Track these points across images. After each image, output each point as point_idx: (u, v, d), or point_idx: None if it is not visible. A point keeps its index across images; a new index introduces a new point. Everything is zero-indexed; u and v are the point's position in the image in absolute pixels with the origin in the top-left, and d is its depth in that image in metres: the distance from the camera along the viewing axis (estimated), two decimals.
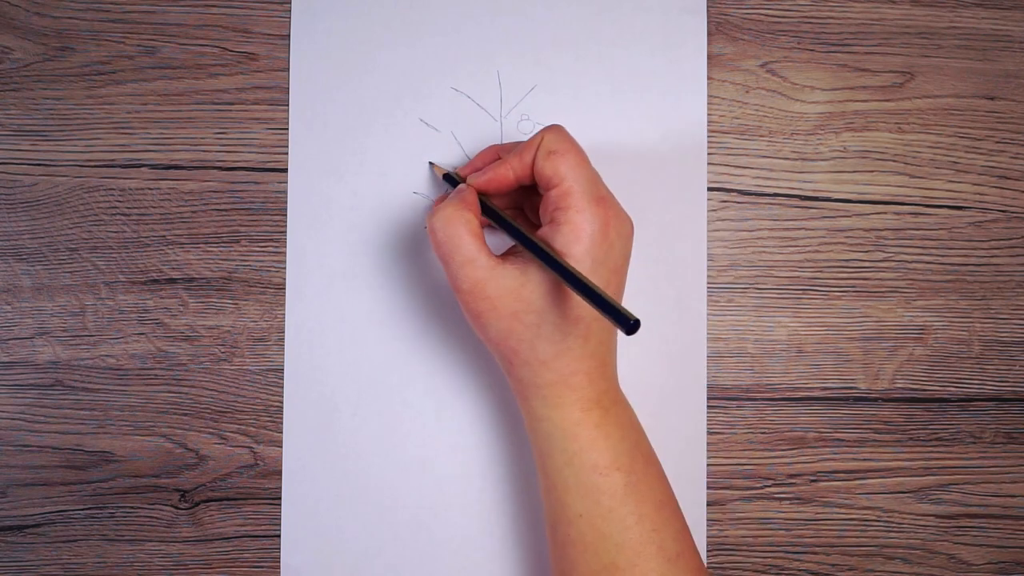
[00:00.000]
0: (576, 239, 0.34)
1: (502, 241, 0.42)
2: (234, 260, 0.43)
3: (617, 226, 0.36)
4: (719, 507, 0.44)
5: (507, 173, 0.37)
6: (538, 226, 0.38)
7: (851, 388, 0.45)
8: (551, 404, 0.36)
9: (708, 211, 0.44)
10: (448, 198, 0.38)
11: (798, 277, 0.44)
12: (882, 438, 0.45)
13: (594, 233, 0.35)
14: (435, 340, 0.43)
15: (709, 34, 0.44)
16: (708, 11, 0.44)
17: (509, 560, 0.43)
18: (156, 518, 0.43)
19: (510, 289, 0.35)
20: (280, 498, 0.43)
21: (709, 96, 0.44)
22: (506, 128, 0.44)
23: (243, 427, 0.43)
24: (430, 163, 0.43)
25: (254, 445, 0.43)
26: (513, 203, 0.41)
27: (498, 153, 0.40)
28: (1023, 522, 0.45)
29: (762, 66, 0.45)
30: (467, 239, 0.35)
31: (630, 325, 0.30)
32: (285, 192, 0.43)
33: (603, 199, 0.36)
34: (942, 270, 0.45)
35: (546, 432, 0.37)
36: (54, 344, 0.43)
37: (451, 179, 0.41)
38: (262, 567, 0.43)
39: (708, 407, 0.44)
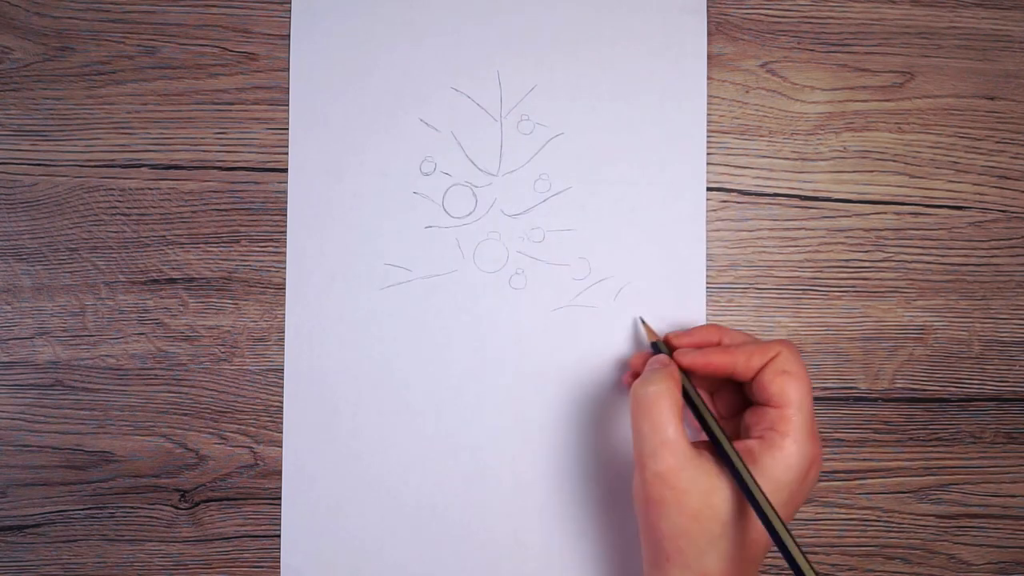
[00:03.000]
0: (786, 469, 0.34)
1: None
2: (234, 260, 0.43)
3: (817, 465, 0.35)
4: None
5: (727, 366, 0.36)
6: (723, 419, 0.38)
7: (851, 388, 0.45)
8: None
9: (708, 211, 0.44)
10: (656, 369, 0.36)
11: (798, 277, 0.44)
12: (882, 438, 0.45)
13: (802, 468, 0.34)
14: (435, 340, 0.43)
15: (709, 34, 0.44)
16: (708, 11, 0.44)
17: (509, 560, 0.43)
18: (156, 518, 0.43)
19: (702, 488, 0.33)
20: (280, 498, 0.43)
21: (709, 96, 0.44)
22: (506, 128, 0.44)
23: (243, 427, 0.43)
24: (641, 319, 0.42)
25: (254, 445, 0.43)
26: (706, 385, 0.40)
27: (720, 337, 0.39)
28: (1023, 522, 0.45)
29: (762, 66, 0.45)
30: (672, 421, 0.34)
31: None
32: (285, 192, 0.43)
33: (816, 436, 0.35)
34: (942, 270, 0.45)
35: None
36: (54, 344, 0.43)
37: (658, 347, 0.40)
38: (262, 567, 0.43)
39: None
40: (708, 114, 0.44)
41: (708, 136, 0.44)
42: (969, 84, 0.45)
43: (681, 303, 0.44)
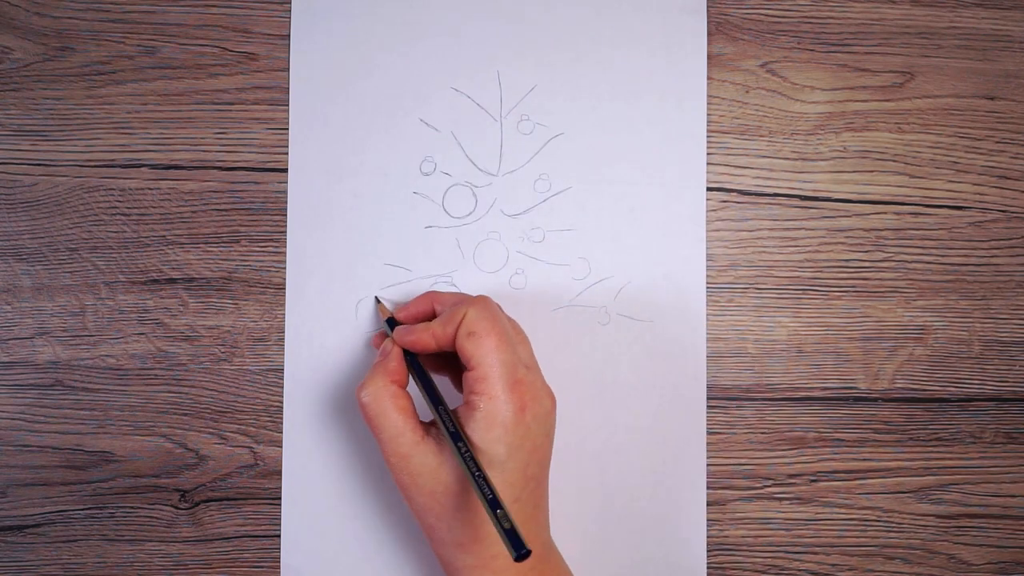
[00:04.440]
0: (488, 427, 0.35)
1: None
2: (234, 260, 0.43)
3: (534, 408, 0.36)
4: (719, 507, 0.44)
5: (429, 340, 0.37)
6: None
7: (851, 388, 0.45)
8: None
9: (708, 211, 0.44)
10: (374, 367, 0.38)
11: (798, 277, 0.44)
12: (882, 438, 0.45)
13: (507, 420, 0.35)
14: None
15: (709, 34, 0.44)
16: (708, 11, 0.44)
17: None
18: (156, 518, 0.43)
19: (430, 468, 0.35)
20: (280, 498, 0.43)
21: (709, 96, 0.44)
22: (506, 128, 0.44)
23: (243, 427, 0.43)
24: (376, 298, 0.43)
25: (254, 445, 0.43)
26: (446, 362, 0.40)
27: (432, 304, 0.40)
28: (1023, 522, 0.45)
29: (762, 66, 0.45)
30: (393, 414, 0.36)
31: (520, 554, 0.30)
32: (285, 192, 0.43)
33: (519, 383, 0.35)
34: (942, 270, 0.45)
35: None
36: (54, 344, 0.43)
37: (392, 324, 0.40)
38: (262, 567, 0.43)
39: (708, 407, 0.44)
40: (708, 114, 0.44)
41: (708, 136, 0.44)
42: (969, 84, 0.45)
43: (681, 303, 0.44)
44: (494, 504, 0.32)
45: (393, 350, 0.38)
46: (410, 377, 0.38)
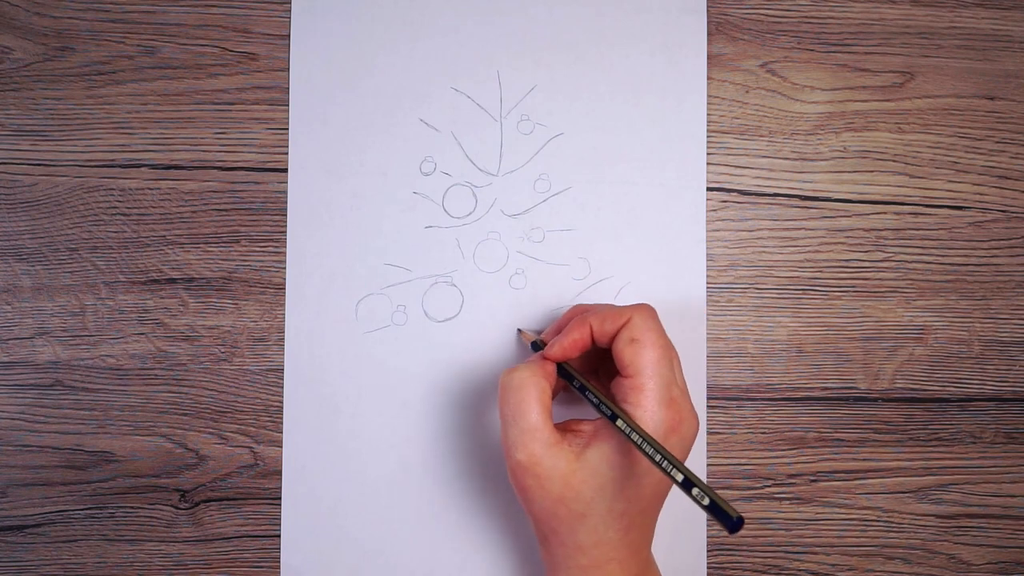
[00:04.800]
0: None
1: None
2: (234, 260, 0.43)
3: (682, 430, 0.35)
4: None
5: (585, 337, 0.37)
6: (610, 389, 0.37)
7: (851, 388, 0.45)
8: None
9: (708, 211, 0.44)
10: (527, 361, 0.37)
11: (798, 277, 0.44)
12: (882, 438, 0.45)
13: (656, 436, 0.34)
14: (435, 340, 0.43)
15: (709, 34, 0.44)
16: (708, 11, 0.44)
17: (509, 560, 0.43)
18: (156, 518, 0.43)
19: (562, 473, 0.34)
20: (280, 498, 0.43)
21: (709, 96, 0.44)
22: (506, 128, 0.44)
23: (243, 427, 0.43)
24: (519, 330, 0.43)
25: (254, 445, 0.43)
26: (589, 364, 0.40)
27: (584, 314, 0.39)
28: (1023, 522, 0.45)
29: (762, 66, 0.45)
30: (535, 407, 0.35)
31: (733, 523, 0.29)
32: (285, 192, 0.43)
33: (673, 401, 0.35)
34: (942, 270, 0.45)
35: None
36: (54, 344, 0.43)
37: (538, 347, 0.40)
38: (262, 567, 0.43)
39: (708, 407, 0.44)
40: (708, 114, 0.44)
41: (708, 136, 0.44)
42: (969, 84, 0.45)
43: (681, 303, 0.44)
44: (688, 485, 0.30)
45: (540, 359, 0.37)
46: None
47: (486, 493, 0.43)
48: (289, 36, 0.43)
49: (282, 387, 0.43)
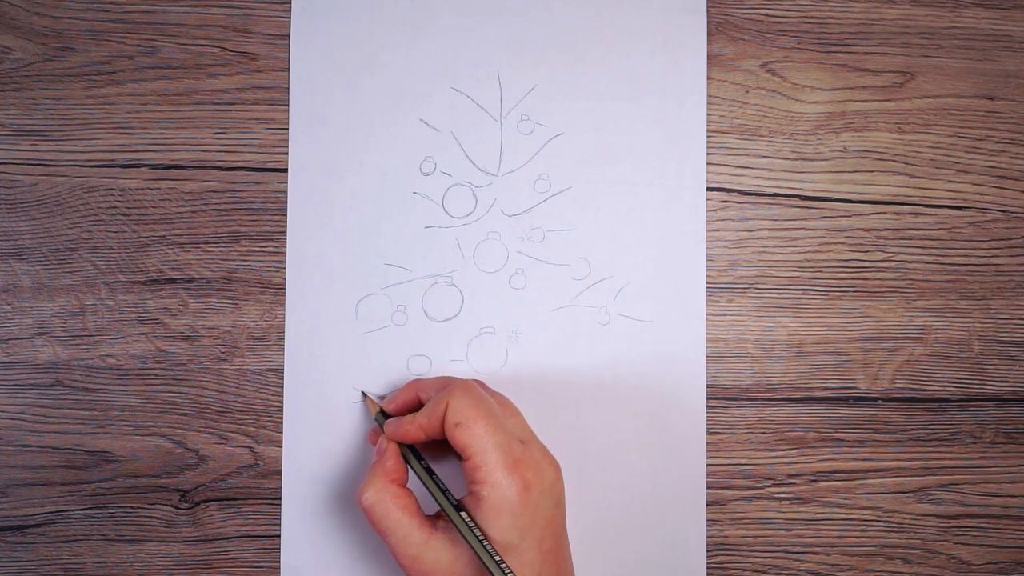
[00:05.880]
0: (497, 514, 0.34)
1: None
2: (234, 260, 0.43)
3: (538, 484, 0.35)
4: (719, 507, 0.44)
5: (418, 433, 0.37)
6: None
7: (851, 388, 0.45)
8: None
9: (708, 211, 0.44)
10: (372, 468, 0.38)
11: (798, 277, 0.44)
12: (882, 438, 0.45)
13: (514, 505, 0.34)
14: (435, 340, 0.43)
15: (709, 34, 0.44)
16: (708, 11, 0.44)
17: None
18: (156, 518, 0.43)
19: (444, 564, 0.35)
20: (280, 498, 0.43)
21: (709, 96, 0.44)
22: (506, 128, 0.44)
23: (243, 427, 0.43)
24: (363, 393, 0.43)
25: (254, 445, 0.43)
26: (447, 446, 0.39)
27: (417, 393, 0.40)
28: (1023, 522, 0.45)
29: (762, 66, 0.45)
30: (396, 515, 0.35)
31: None
32: (285, 192, 0.43)
33: (518, 462, 0.35)
34: (942, 270, 0.45)
35: None
36: (54, 344, 0.43)
37: (384, 416, 0.40)
38: (262, 567, 0.43)
39: (708, 407, 0.44)
40: (708, 114, 0.44)
41: (708, 136, 0.44)
42: (969, 84, 0.45)
43: (681, 303, 0.44)
44: None
45: (388, 447, 0.38)
46: (409, 470, 0.38)
47: None
48: (289, 36, 0.43)
49: (282, 387, 0.43)
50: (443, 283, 0.43)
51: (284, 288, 0.43)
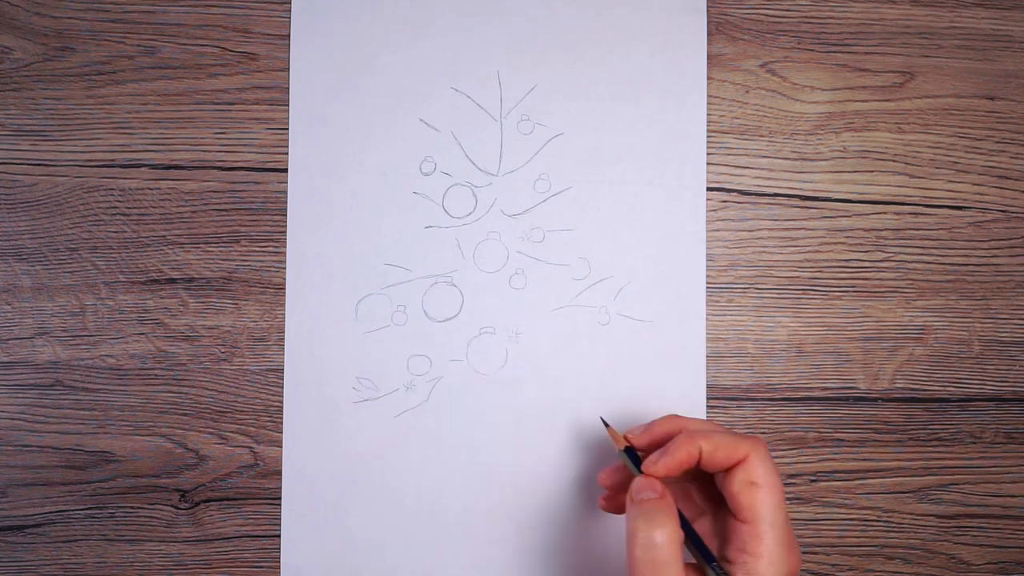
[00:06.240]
0: None
1: None
2: (234, 260, 0.43)
3: (796, 572, 0.34)
4: None
5: (692, 461, 0.35)
6: (703, 504, 0.37)
7: (851, 388, 0.45)
8: None
9: (708, 211, 0.44)
10: (658, 508, 0.34)
11: (798, 277, 0.44)
12: (882, 438, 0.45)
13: None
14: (435, 341, 0.43)
15: (709, 34, 0.44)
16: (708, 11, 0.44)
17: (509, 560, 0.43)
18: (156, 518, 0.43)
19: None
20: (280, 498, 0.43)
21: (709, 96, 0.44)
22: (506, 128, 0.44)
23: (243, 427, 0.43)
24: (603, 420, 0.41)
25: (254, 445, 0.43)
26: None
27: (679, 427, 0.37)
28: (1023, 522, 0.45)
29: (762, 66, 0.45)
30: (677, 568, 0.32)
31: None
32: (285, 192, 0.43)
33: (793, 547, 0.34)
34: (942, 270, 0.45)
35: None
36: (54, 344, 0.43)
37: (631, 453, 0.37)
38: (262, 567, 0.43)
39: (708, 407, 0.44)
40: (708, 114, 0.44)
41: (708, 136, 0.44)
42: (969, 84, 0.45)
43: (681, 303, 0.44)
44: None
45: (666, 493, 0.35)
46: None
47: (486, 492, 0.43)
48: (289, 36, 0.43)
49: (282, 387, 0.43)
50: (443, 283, 0.43)
51: (284, 288, 0.43)
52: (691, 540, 0.34)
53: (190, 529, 0.43)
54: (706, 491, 0.37)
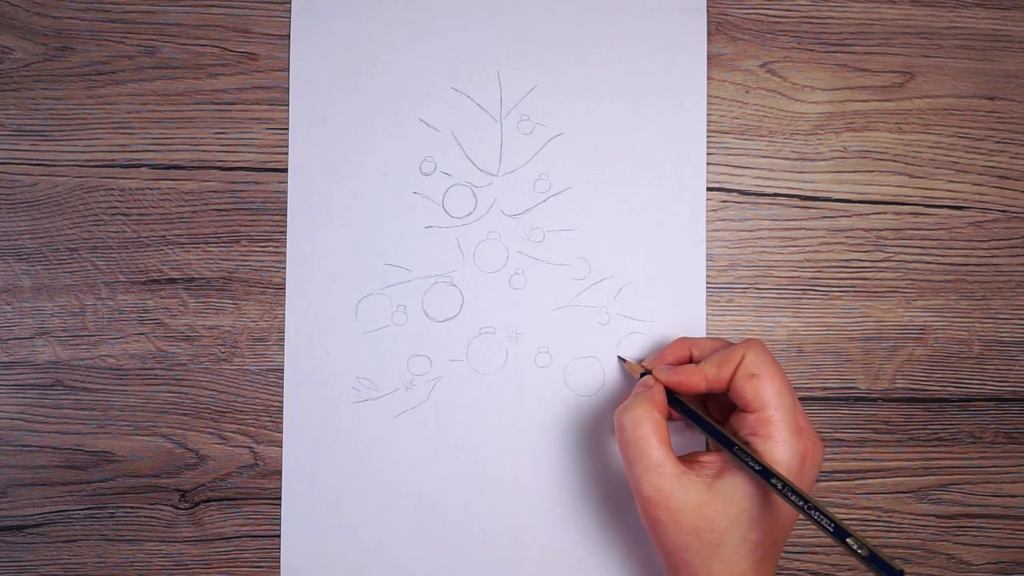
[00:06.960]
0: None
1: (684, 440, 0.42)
2: (234, 260, 0.43)
3: (813, 458, 0.35)
4: None
5: (699, 383, 0.37)
6: (722, 423, 0.38)
7: (851, 388, 0.45)
8: None
9: (708, 211, 0.44)
10: (635, 394, 0.37)
11: (798, 277, 0.44)
12: (882, 438, 0.45)
13: (791, 467, 0.34)
14: (435, 340, 0.43)
15: (709, 34, 0.44)
16: (708, 11, 0.44)
17: (509, 560, 0.43)
18: (156, 518, 0.43)
19: (694, 504, 0.34)
20: (280, 498, 0.43)
21: (709, 96, 0.44)
22: (506, 128, 0.44)
23: (243, 427, 0.43)
24: (619, 358, 0.43)
25: (254, 445, 0.43)
26: (696, 396, 0.40)
27: (690, 349, 0.39)
28: (1023, 522, 0.45)
29: (762, 66, 0.45)
30: (655, 443, 0.35)
31: (895, 574, 0.28)
32: (285, 192, 0.43)
33: (802, 430, 0.35)
34: (942, 270, 0.45)
35: None
36: (54, 344, 0.43)
37: (644, 375, 0.39)
38: (262, 567, 0.43)
39: None
40: (708, 114, 0.44)
41: (708, 136, 0.44)
42: (969, 84, 0.45)
43: (681, 303, 0.44)
44: (842, 534, 0.30)
45: (656, 385, 0.38)
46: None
47: (486, 492, 0.43)
48: (289, 36, 0.43)
49: (282, 387, 0.43)
50: (443, 283, 0.43)
51: (284, 288, 0.43)
52: (711, 433, 0.36)
53: (190, 529, 0.43)
54: (724, 409, 0.39)
